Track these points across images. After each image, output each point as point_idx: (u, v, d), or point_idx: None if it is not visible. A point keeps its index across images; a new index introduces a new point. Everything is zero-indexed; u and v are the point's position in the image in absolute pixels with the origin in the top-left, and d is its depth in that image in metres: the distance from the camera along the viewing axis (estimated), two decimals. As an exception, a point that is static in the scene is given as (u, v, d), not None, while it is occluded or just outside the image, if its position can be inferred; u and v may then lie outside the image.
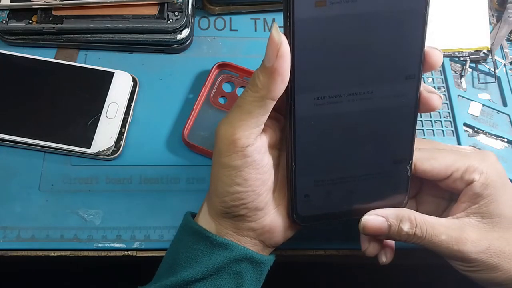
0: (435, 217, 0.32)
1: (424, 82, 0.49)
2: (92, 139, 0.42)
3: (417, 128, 0.45)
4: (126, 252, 0.39)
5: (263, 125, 0.29)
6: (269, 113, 0.28)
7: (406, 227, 0.31)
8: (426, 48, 0.29)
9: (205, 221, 0.32)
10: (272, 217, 0.31)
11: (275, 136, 0.32)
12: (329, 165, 0.31)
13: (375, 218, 0.32)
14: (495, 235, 0.31)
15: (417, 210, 0.33)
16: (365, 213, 0.32)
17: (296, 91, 0.28)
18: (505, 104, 0.48)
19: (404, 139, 0.31)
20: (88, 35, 0.46)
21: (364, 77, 0.28)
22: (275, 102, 0.28)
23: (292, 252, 0.40)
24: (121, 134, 0.43)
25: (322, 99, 0.28)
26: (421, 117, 0.47)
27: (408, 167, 0.32)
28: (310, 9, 0.26)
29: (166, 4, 0.45)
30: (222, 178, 0.30)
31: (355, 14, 0.26)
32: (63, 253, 0.39)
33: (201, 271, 0.30)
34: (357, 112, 0.29)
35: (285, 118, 0.29)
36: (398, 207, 0.33)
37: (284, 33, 0.27)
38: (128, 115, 0.44)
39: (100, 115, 0.43)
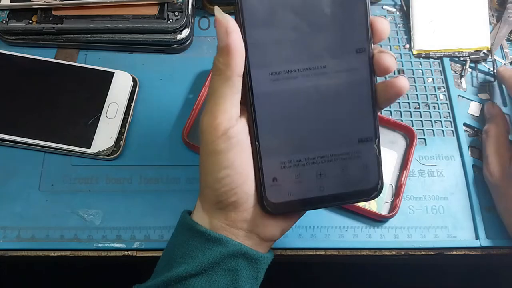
0: None
1: (424, 82, 0.49)
2: (92, 139, 0.42)
3: (416, 128, 0.46)
4: (126, 252, 0.39)
5: (239, 105, 0.29)
6: (240, 91, 0.29)
7: None
8: (371, 19, 0.29)
9: (199, 217, 0.32)
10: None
11: None
12: (293, 145, 0.30)
13: None
14: None
15: None
16: (338, 201, 0.31)
17: (251, 66, 0.28)
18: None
19: (364, 116, 0.30)
20: (88, 35, 0.46)
21: (316, 52, 0.29)
22: (241, 78, 0.29)
23: (293, 252, 0.41)
24: (121, 134, 0.43)
25: (277, 74, 0.29)
26: (421, 117, 0.47)
27: (375, 147, 0.30)
28: None
29: (166, 4, 0.45)
30: (210, 167, 0.30)
31: None
32: (63, 253, 0.39)
33: (196, 266, 0.30)
34: (313, 87, 0.29)
35: (244, 95, 0.30)
36: (372, 193, 0.31)
37: (235, 12, 0.28)
38: (128, 115, 0.44)
39: (100, 115, 0.43)
